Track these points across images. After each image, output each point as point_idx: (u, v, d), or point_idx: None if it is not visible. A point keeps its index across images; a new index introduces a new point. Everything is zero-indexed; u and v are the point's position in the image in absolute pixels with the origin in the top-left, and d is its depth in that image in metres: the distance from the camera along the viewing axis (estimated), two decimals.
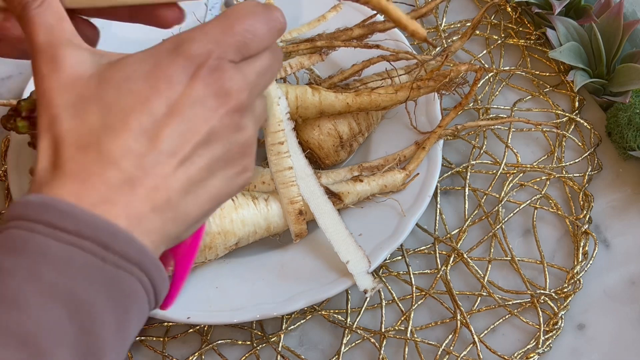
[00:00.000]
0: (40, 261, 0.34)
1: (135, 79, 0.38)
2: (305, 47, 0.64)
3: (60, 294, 0.34)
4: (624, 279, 0.65)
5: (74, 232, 0.35)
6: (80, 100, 0.38)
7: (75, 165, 0.36)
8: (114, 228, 0.36)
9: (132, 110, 0.37)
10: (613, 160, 0.70)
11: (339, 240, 0.61)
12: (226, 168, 0.40)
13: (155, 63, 0.38)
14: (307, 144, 0.65)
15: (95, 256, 0.35)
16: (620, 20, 0.69)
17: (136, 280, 0.36)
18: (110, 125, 0.37)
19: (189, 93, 0.38)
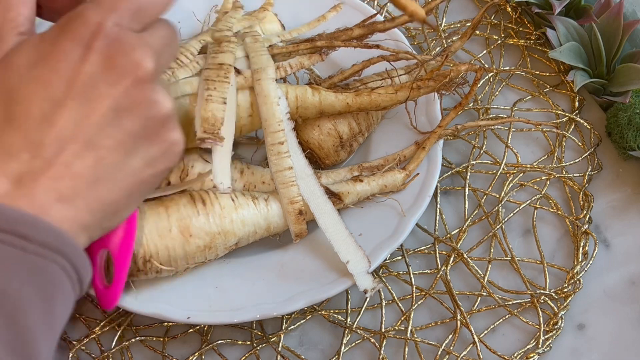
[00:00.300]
0: None
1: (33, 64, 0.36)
2: (305, 47, 0.64)
3: None
4: (624, 279, 0.65)
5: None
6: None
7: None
8: (32, 217, 0.34)
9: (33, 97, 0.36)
10: (613, 160, 0.70)
11: (339, 240, 0.61)
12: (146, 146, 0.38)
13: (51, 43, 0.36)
14: (307, 144, 0.65)
15: (15, 247, 0.34)
16: (620, 20, 0.69)
17: (58, 267, 0.35)
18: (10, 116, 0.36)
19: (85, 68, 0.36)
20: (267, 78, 0.61)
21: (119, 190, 0.38)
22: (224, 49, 0.62)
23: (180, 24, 0.73)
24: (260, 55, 0.62)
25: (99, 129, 0.36)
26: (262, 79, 0.61)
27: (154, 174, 0.39)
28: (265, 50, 0.63)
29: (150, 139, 0.38)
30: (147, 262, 0.58)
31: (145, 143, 0.38)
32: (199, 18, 0.73)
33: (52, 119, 0.36)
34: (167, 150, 0.39)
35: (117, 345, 0.62)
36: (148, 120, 0.38)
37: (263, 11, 0.70)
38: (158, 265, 0.58)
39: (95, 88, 0.36)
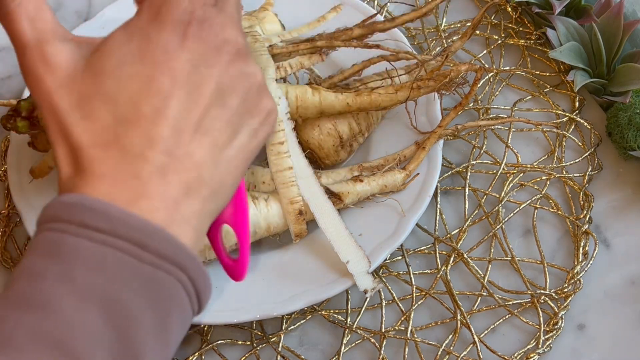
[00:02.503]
0: (73, 262, 0.33)
1: (130, 62, 0.36)
2: (305, 47, 0.64)
3: (94, 296, 0.32)
4: (624, 279, 0.65)
5: (107, 231, 0.33)
6: (83, 99, 0.36)
7: (101, 166, 0.35)
8: (151, 226, 0.34)
9: (139, 95, 0.35)
10: (613, 160, 0.70)
11: (339, 240, 0.61)
12: (249, 119, 0.38)
13: (144, 37, 0.36)
14: (307, 144, 0.65)
15: (131, 256, 0.33)
16: (620, 20, 0.69)
17: (176, 280, 0.34)
18: (122, 118, 0.35)
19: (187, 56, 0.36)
20: (267, 78, 0.61)
21: (234, 168, 0.38)
22: None
23: None
24: (260, 55, 0.62)
25: (208, 112, 0.36)
26: None
27: (257, 144, 0.39)
28: (265, 50, 0.63)
29: (251, 111, 0.38)
30: None
31: (247, 116, 0.38)
32: None
33: (164, 112, 0.35)
34: (266, 118, 0.39)
35: None
36: (247, 93, 0.38)
37: (263, 11, 0.70)
38: None
39: (197, 73, 0.36)
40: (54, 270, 0.32)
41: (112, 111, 0.35)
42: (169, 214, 0.34)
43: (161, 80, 0.35)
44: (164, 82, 0.35)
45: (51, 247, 0.33)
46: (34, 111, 0.58)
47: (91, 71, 0.36)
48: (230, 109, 0.37)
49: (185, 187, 0.35)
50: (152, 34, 0.36)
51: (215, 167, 0.37)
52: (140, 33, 0.36)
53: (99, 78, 0.36)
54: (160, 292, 0.34)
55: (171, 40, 0.36)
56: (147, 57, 0.36)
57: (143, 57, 0.36)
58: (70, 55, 0.37)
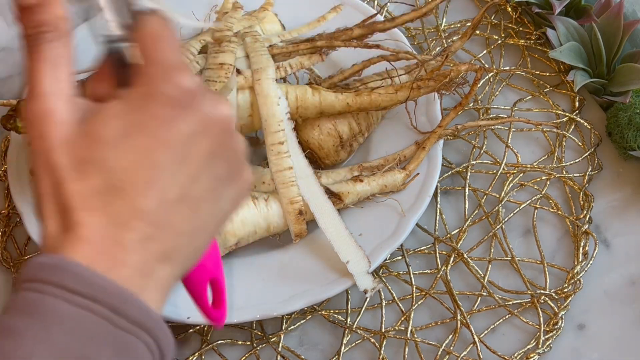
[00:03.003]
0: (51, 323, 0.34)
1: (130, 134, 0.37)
2: (305, 47, 0.64)
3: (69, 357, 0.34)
4: (624, 279, 0.65)
5: (85, 295, 0.34)
6: (80, 163, 0.37)
7: (87, 230, 0.36)
8: (126, 293, 0.35)
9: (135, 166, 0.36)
10: (613, 160, 0.70)
11: (339, 240, 0.61)
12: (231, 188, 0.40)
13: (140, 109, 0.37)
14: (307, 144, 0.65)
15: (107, 320, 0.35)
16: (620, 20, 0.69)
17: (144, 344, 0.36)
18: (114, 187, 0.36)
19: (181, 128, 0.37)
20: (267, 78, 0.61)
21: (209, 234, 0.40)
22: (225, 49, 0.62)
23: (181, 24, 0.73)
24: (260, 55, 0.62)
25: (195, 182, 0.38)
26: (262, 79, 0.61)
27: (234, 209, 0.41)
28: (265, 50, 0.63)
29: (234, 179, 0.40)
30: None
31: (230, 185, 0.40)
32: (199, 18, 0.72)
33: (155, 183, 0.37)
34: (245, 187, 0.41)
35: None
36: (232, 163, 0.39)
37: (263, 11, 0.70)
38: None
39: (191, 143, 0.37)
40: (33, 330, 0.34)
41: (106, 179, 0.36)
42: (144, 281, 0.36)
43: (159, 152, 0.37)
44: (162, 155, 0.37)
45: (31, 306, 0.35)
46: None
47: (90, 137, 0.37)
48: (217, 178, 0.39)
49: (162, 255, 0.37)
50: (151, 106, 0.37)
51: (192, 235, 0.38)
52: (138, 105, 0.37)
53: (98, 145, 0.37)
54: (128, 354, 0.35)
55: (168, 112, 0.37)
56: (146, 129, 0.37)
57: (143, 128, 0.37)
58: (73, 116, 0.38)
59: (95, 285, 0.35)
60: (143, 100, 0.37)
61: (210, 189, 0.38)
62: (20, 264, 0.67)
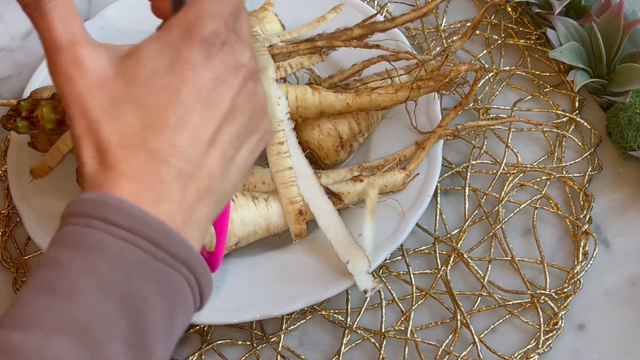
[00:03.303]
0: (96, 255, 0.35)
1: (161, 74, 0.38)
2: (305, 47, 0.64)
3: (114, 288, 0.35)
4: (624, 279, 0.65)
5: (128, 229, 0.36)
6: (114, 102, 0.38)
7: (127, 166, 0.37)
8: (167, 228, 0.37)
9: (167, 105, 0.38)
10: (613, 160, 0.70)
11: (339, 240, 0.61)
12: (250, 136, 0.41)
13: (174, 52, 0.38)
14: (307, 144, 0.65)
15: (148, 253, 0.36)
16: (620, 20, 0.69)
17: (184, 279, 0.37)
18: (150, 124, 0.38)
19: (209, 74, 0.38)
20: (267, 78, 0.61)
21: (234, 179, 0.41)
22: None
23: None
24: (260, 55, 0.62)
25: (221, 128, 0.39)
26: (262, 79, 0.61)
27: (254, 159, 0.43)
28: (265, 50, 0.63)
29: (254, 129, 0.41)
30: None
31: (250, 133, 0.41)
32: None
33: (186, 122, 0.38)
34: (264, 136, 0.43)
35: None
36: (253, 113, 0.41)
37: (263, 11, 0.70)
38: None
39: (216, 91, 0.39)
40: (78, 262, 0.35)
41: (141, 117, 0.38)
42: (185, 218, 0.38)
43: (187, 93, 0.38)
44: (189, 95, 0.38)
45: (76, 239, 0.36)
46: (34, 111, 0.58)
47: (124, 77, 0.39)
48: (239, 126, 0.40)
49: (198, 194, 0.38)
50: (183, 49, 0.38)
51: (222, 178, 0.40)
52: (171, 47, 0.39)
53: (131, 85, 0.38)
54: (169, 288, 0.37)
55: (199, 57, 0.38)
56: (177, 71, 0.38)
57: (173, 70, 0.38)
58: (101, 59, 0.39)
59: (138, 219, 0.36)
60: (177, 42, 0.39)
61: (234, 136, 0.40)
62: (20, 264, 0.67)
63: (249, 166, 0.42)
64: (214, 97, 0.39)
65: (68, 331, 0.34)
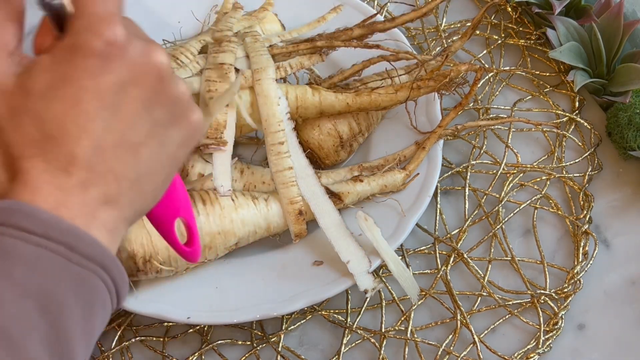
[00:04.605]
0: (11, 261, 0.36)
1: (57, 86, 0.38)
2: (305, 47, 0.64)
3: (31, 291, 0.36)
4: (624, 279, 0.65)
5: (41, 234, 0.36)
6: (15, 113, 0.39)
7: (28, 176, 0.38)
8: (78, 231, 0.37)
9: (65, 116, 0.38)
10: (613, 160, 0.70)
11: (339, 240, 0.61)
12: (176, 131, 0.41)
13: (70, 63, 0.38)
14: (307, 144, 0.65)
15: (62, 256, 0.37)
16: (620, 20, 0.69)
17: (99, 279, 0.38)
18: (49, 135, 0.38)
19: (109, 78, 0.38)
20: (267, 78, 0.61)
21: (158, 176, 0.41)
22: (225, 49, 0.62)
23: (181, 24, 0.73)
24: (260, 55, 0.62)
25: (132, 128, 0.39)
26: (262, 79, 0.61)
27: (184, 152, 0.42)
28: (265, 50, 0.63)
29: (177, 123, 0.41)
30: (147, 262, 0.58)
31: (173, 128, 0.41)
32: (199, 18, 0.73)
33: (88, 131, 0.38)
34: (194, 129, 0.42)
35: (117, 346, 0.62)
36: (174, 108, 0.41)
37: (263, 11, 0.70)
38: (158, 265, 0.58)
39: (122, 93, 0.39)
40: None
41: (40, 128, 0.38)
42: (86, 221, 0.38)
43: (87, 102, 0.38)
44: (90, 104, 0.38)
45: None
46: None
47: (21, 89, 0.39)
48: (156, 123, 0.40)
49: (104, 198, 0.39)
50: (78, 59, 0.38)
51: (137, 180, 0.40)
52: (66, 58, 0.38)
53: (28, 97, 0.39)
54: (86, 288, 0.37)
55: (97, 64, 0.38)
56: (75, 81, 0.38)
57: (71, 81, 0.38)
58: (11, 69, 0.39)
59: (48, 224, 0.37)
60: (69, 53, 0.38)
61: (150, 135, 0.40)
62: None
63: (180, 161, 0.42)
64: (119, 100, 0.38)
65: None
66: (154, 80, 0.39)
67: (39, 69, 0.39)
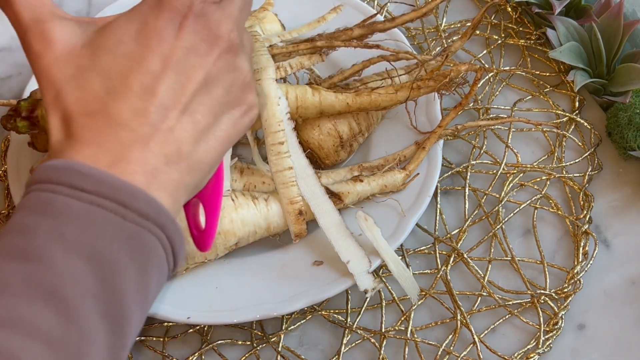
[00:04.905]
0: (63, 220, 0.36)
1: (126, 41, 0.39)
2: (305, 47, 0.64)
3: (83, 250, 0.35)
4: (624, 279, 0.65)
5: (94, 192, 0.36)
6: (79, 71, 0.39)
7: (88, 132, 0.38)
8: (133, 188, 0.37)
9: (130, 72, 0.38)
10: (613, 160, 0.70)
11: (339, 240, 0.61)
12: (231, 109, 0.41)
13: (142, 21, 0.39)
14: (307, 144, 0.65)
15: (116, 214, 0.36)
16: (620, 20, 0.69)
17: (155, 238, 0.37)
18: (112, 90, 0.38)
19: (180, 44, 0.39)
20: (267, 78, 0.61)
21: (212, 149, 0.41)
22: None
23: None
24: (260, 55, 0.62)
25: (193, 97, 0.40)
26: (262, 79, 0.61)
27: (237, 132, 0.43)
28: (265, 50, 0.63)
29: (234, 103, 0.42)
30: None
31: (230, 107, 0.42)
32: None
33: (153, 89, 0.39)
34: (247, 111, 0.43)
35: None
36: (232, 86, 0.41)
37: (263, 11, 0.70)
38: None
39: (188, 61, 0.39)
40: (45, 226, 0.36)
41: (104, 83, 0.39)
42: (147, 178, 0.38)
43: (152, 62, 0.39)
44: (154, 64, 0.39)
45: (42, 205, 0.36)
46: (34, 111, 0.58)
47: (90, 47, 0.39)
48: (214, 98, 0.41)
49: (165, 158, 0.39)
50: (150, 19, 0.39)
51: (194, 146, 0.40)
52: (139, 17, 0.39)
53: (97, 53, 0.39)
54: (141, 248, 0.37)
55: (166, 27, 0.39)
56: (142, 40, 0.39)
57: (138, 38, 0.39)
58: (69, 32, 0.40)
59: (102, 182, 0.36)
60: (147, 11, 0.39)
61: (208, 107, 0.40)
62: None
63: (232, 139, 0.42)
64: (184, 66, 0.39)
65: (38, 294, 0.34)
66: (220, 54, 0.40)
67: (114, 26, 0.39)
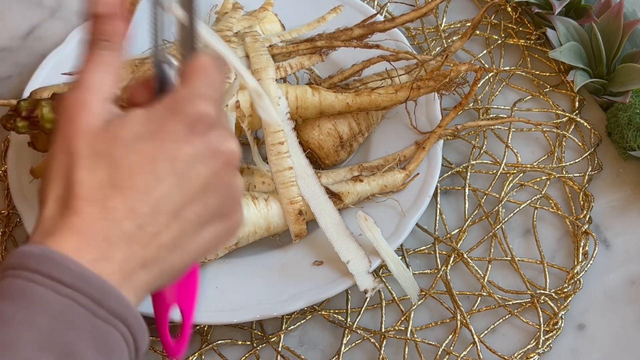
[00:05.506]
0: (37, 310, 0.36)
1: (143, 138, 0.39)
2: (305, 47, 0.64)
3: (53, 344, 0.36)
4: (624, 279, 0.65)
5: (71, 286, 0.37)
6: (93, 154, 0.39)
7: (80, 219, 0.38)
8: (106, 285, 0.38)
9: (139, 169, 0.39)
10: (613, 160, 0.70)
11: (339, 240, 0.61)
12: (218, 222, 0.42)
13: (160, 122, 0.40)
14: (307, 144, 0.65)
15: (87, 310, 0.37)
16: (620, 20, 0.69)
17: (120, 334, 0.38)
18: (117, 183, 0.39)
19: (188, 149, 0.40)
20: (267, 78, 0.61)
21: (187, 258, 0.42)
22: None
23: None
24: (260, 55, 0.62)
25: (188, 204, 0.40)
26: (262, 79, 0.61)
27: (215, 246, 0.43)
28: (265, 50, 0.63)
29: (224, 216, 0.42)
30: None
31: (218, 219, 0.42)
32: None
33: (153, 191, 0.39)
34: (231, 228, 0.43)
35: None
36: (226, 200, 0.42)
37: (263, 11, 0.70)
38: None
39: (192, 167, 0.40)
40: (20, 316, 0.36)
41: (111, 174, 0.39)
42: (121, 278, 0.39)
43: (161, 163, 0.39)
44: (163, 166, 0.39)
45: (18, 293, 0.37)
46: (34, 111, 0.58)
47: (109, 134, 0.40)
48: (207, 208, 0.41)
49: (142, 261, 0.39)
50: (169, 120, 0.40)
51: (171, 252, 0.40)
52: (159, 117, 0.40)
53: (113, 142, 0.40)
54: (106, 342, 0.38)
55: (183, 131, 0.40)
56: (158, 140, 0.39)
57: (155, 137, 0.40)
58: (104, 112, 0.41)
59: (80, 276, 0.37)
60: (164, 114, 0.40)
61: (199, 216, 0.41)
62: None
63: (208, 251, 0.43)
64: (188, 173, 0.40)
65: None
66: (222, 166, 0.41)
67: (132, 120, 0.40)
